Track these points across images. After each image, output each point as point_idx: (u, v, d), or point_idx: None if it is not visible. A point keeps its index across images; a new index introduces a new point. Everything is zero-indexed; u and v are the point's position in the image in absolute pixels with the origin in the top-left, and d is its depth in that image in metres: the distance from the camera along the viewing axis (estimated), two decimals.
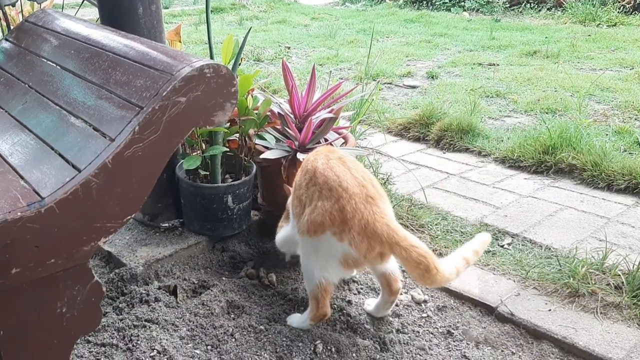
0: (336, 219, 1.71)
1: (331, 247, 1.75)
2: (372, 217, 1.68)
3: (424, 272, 1.66)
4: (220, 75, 1.37)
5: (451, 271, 1.71)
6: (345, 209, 1.69)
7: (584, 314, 2.01)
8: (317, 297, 1.86)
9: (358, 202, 1.69)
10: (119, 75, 1.47)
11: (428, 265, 1.65)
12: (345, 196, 1.70)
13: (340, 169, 1.77)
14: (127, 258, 2.27)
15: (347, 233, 1.70)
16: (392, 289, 1.97)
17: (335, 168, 1.77)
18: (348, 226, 1.70)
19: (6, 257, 1.16)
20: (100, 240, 1.29)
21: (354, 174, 1.76)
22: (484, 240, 1.87)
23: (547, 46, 6.01)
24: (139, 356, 1.83)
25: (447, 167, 3.29)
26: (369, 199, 1.71)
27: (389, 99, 4.59)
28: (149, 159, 1.31)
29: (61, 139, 1.40)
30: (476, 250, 1.83)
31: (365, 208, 1.69)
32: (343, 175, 1.74)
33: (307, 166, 1.86)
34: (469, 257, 1.79)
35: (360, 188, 1.72)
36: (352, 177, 1.74)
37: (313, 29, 7.86)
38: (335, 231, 1.72)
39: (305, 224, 1.78)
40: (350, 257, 1.74)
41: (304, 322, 1.94)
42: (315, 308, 1.88)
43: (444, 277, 1.69)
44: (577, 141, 3.20)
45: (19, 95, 1.70)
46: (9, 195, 1.23)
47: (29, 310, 1.25)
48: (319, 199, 1.75)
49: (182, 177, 2.37)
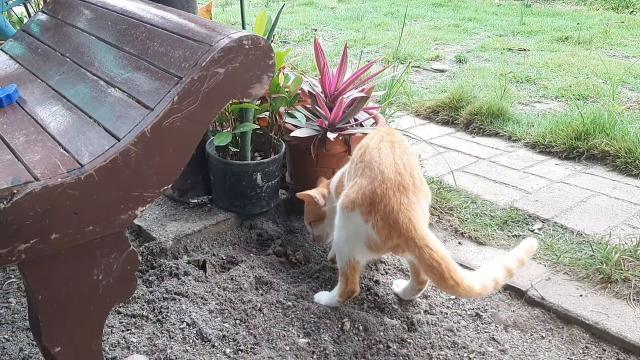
0: (366, 199, 1.71)
1: (358, 226, 1.74)
2: (397, 206, 1.66)
3: (438, 279, 1.61)
4: (258, 47, 1.36)
5: (482, 285, 1.62)
6: (376, 191, 1.69)
7: (616, 300, 1.98)
8: (346, 274, 1.86)
9: (389, 188, 1.68)
10: (157, 46, 1.47)
11: (442, 273, 1.59)
12: (379, 179, 1.70)
13: (385, 152, 1.76)
14: (156, 232, 2.29)
15: (372, 215, 1.70)
16: (419, 279, 1.95)
17: (382, 150, 1.76)
18: (375, 209, 1.69)
19: (46, 222, 1.17)
20: (137, 209, 1.29)
21: (396, 159, 1.74)
22: (530, 246, 1.77)
23: (579, 32, 5.89)
24: (169, 328, 1.85)
25: (476, 151, 3.26)
26: (401, 187, 1.69)
27: (417, 82, 4.55)
28: (187, 129, 1.31)
29: (99, 109, 1.41)
30: (521, 259, 1.72)
31: (394, 196, 1.67)
32: (385, 158, 1.73)
33: (363, 142, 1.86)
34: (512, 266, 1.69)
35: (396, 175, 1.70)
36: (393, 163, 1.73)
37: (340, 11, 7.80)
38: (363, 211, 1.71)
39: (344, 197, 1.79)
40: (373, 241, 1.73)
41: (333, 299, 1.94)
42: (344, 284, 1.88)
43: (466, 290, 1.60)
44: (610, 127, 3.14)
45: (56, 66, 1.71)
46: (49, 162, 1.23)
47: (67, 276, 1.26)
48: (360, 175, 1.75)
49: (212, 153, 2.38)
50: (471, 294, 1.64)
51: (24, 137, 1.37)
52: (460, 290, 1.60)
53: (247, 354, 1.77)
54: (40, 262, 1.22)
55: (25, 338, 1.84)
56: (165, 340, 1.81)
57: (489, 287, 1.64)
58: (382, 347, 1.81)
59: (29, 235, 1.16)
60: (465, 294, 1.62)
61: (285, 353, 1.78)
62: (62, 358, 1.34)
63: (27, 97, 1.60)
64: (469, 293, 1.62)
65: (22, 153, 1.28)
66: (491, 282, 1.64)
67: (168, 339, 1.81)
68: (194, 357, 1.75)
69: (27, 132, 1.40)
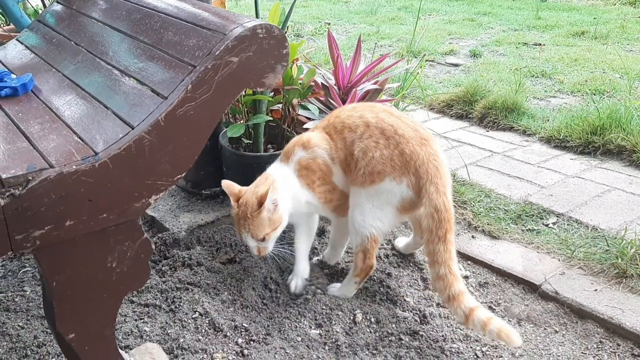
0: (396, 164, 1.79)
1: (389, 193, 1.81)
2: (427, 156, 1.79)
3: (435, 227, 1.73)
4: (272, 36, 1.36)
5: (456, 274, 1.75)
6: (404, 151, 1.79)
7: (631, 295, 1.95)
8: (365, 249, 1.87)
9: (414, 145, 1.80)
10: (171, 35, 1.47)
11: (441, 219, 1.73)
12: (404, 140, 1.80)
13: (391, 119, 1.86)
14: (170, 223, 2.30)
15: (406, 175, 1.79)
16: (421, 234, 2.00)
17: (386, 119, 1.85)
18: (407, 168, 1.79)
19: (61, 209, 1.18)
20: (151, 197, 1.30)
21: (405, 121, 1.86)
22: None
23: (595, 27, 5.81)
24: (181, 317, 1.86)
25: (490, 145, 3.23)
26: (422, 140, 1.82)
27: (430, 76, 4.52)
28: (201, 118, 1.31)
29: (114, 97, 1.41)
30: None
31: (421, 149, 1.80)
32: (396, 123, 1.84)
33: (354, 122, 1.88)
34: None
35: (414, 132, 1.83)
36: (405, 124, 1.84)
37: (353, 5, 7.77)
38: (395, 175, 1.79)
39: (363, 175, 1.82)
40: (408, 199, 1.82)
41: (348, 283, 1.96)
42: (361, 261, 1.89)
43: (447, 257, 1.74)
44: (627, 122, 3.09)
45: (70, 56, 1.71)
46: (64, 150, 1.24)
47: (81, 263, 1.27)
48: (375, 149, 1.80)
49: (225, 145, 2.38)
50: (446, 263, 1.73)
51: (39, 125, 1.38)
52: (443, 251, 1.73)
53: (259, 344, 1.77)
54: (54, 249, 1.23)
55: (39, 326, 1.86)
56: (177, 329, 1.82)
57: (457, 281, 1.74)
58: (394, 339, 1.81)
59: (44, 221, 1.17)
60: (443, 260, 1.73)
61: (296, 344, 1.78)
62: (76, 345, 1.35)
63: (42, 86, 1.61)
64: (446, 261, 1.73)
65: (37, 141, 1.29)
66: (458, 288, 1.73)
67: (180, 328, 1.82)
68: (206, 346, 1.76)
69: (42, 120, 1.41)
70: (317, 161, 1.88)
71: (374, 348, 1.77)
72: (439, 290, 1.77)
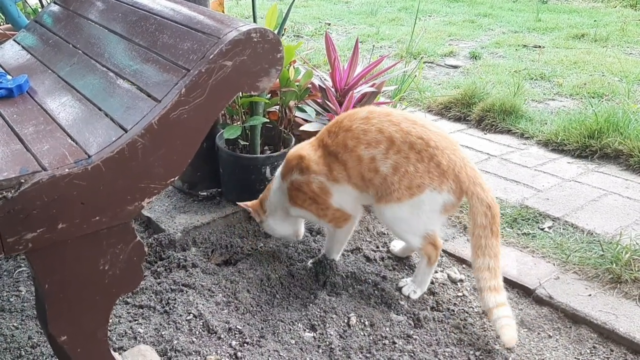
0: (434, 175, 1.82)
1: (432, 202, 1.85)
2: (461, 162, 1.84)
3: (490, 220, 1.81)
4: (266, 40, 1.36)
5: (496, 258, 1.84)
6: (441, 162, 1.82)
7: (625, 300, 1.96)
8: (431, 242, 1.94)
9: (447, 153, 1.83)
10: (166, 38, 1.47)
11: (494, 216, 1.81)
12: (438, 152, 1.82)
13: (417, 130, 1.85)
14: (165, 224, 2.30)
15: (445, 183, 1.83)
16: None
17: (412, 132, 1.84)
18: (445, 176, 1.82)
19: (53, 211, 1.18)
20: (144, 200, 1.30)
21: (431, 129, 1.87)
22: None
23: (595, 30, 5.82)
24: (176, 319, 1.87)
25: (488, 148, 3.23)
26: (452, 146, 1.86)
27: (429, 78, 4.52)
28: (194, 121, 1.31)
29: (108, 100, 1.41)
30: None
31: (455, 155, 1.84)
32: (425, 134, 1.84)
33: (373, 137, 1.86)
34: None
35: (444, 139, 1.85)
36: (434, 133, 1.85)
37: (354, 5, 7.77)
38: (435, 186, 1.83)
39: (398, 190, 1.84)
40: (449, 203, 1.86)
41: (428, 273, 2.02)
42: (434, 251, 1.96)
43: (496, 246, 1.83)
44: (624, 126, 3.10)
45: (66, 57, 1.71)
46: (57, 153, 1.24)
47: (73, 265, 1.27)
48: (408, 164, 1.83)
49: (221, 146, 2.39)
50: (497, 257, 1.83)
51: (34, 127, 1.38)
52: (496, 245, 1.82)
53: (253, 347, 1.78)
54: (47, 251, 1.23)
55: (34, 326, 1.86)
56: (171, 331, 1.82)
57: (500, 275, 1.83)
58: (388, 343, 1.81)
59: (36, 224, 1.17)
60: (494, 253, 1.82)
61: (290, 347, 1.78)
62: (68, 347, 1.35)
63: (37, 88, 1.61)
64: (497, 255, 1.82)
65: (31, 143, 1.29)
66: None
67: (175, 330, 1.83)
68: (200, 348, 1.76)
69: (36, 122, 1.41)
70: (311, 187, 1.96)
71: (367, 351, 1.77)
72: (482, 279, 1.82)
